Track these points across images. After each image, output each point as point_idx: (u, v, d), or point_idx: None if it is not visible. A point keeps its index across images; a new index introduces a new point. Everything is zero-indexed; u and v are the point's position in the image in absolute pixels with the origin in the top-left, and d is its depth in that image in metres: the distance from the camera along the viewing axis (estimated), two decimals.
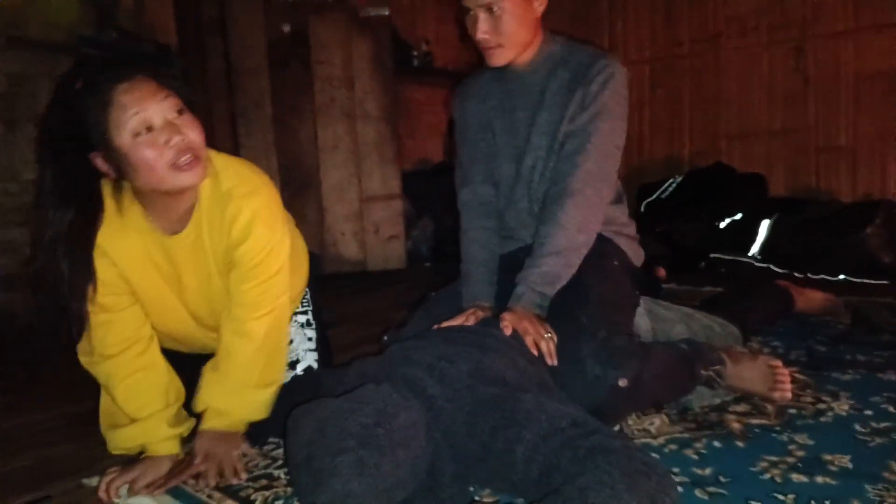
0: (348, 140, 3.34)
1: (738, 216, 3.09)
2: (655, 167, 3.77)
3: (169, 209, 1.20)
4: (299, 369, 1.46)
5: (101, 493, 1.14)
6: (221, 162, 1.24)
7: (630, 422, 1.34)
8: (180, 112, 1.11)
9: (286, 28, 3.26)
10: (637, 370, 1.20)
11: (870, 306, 2.20)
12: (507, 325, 1.27)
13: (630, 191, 2.42)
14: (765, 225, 3.00)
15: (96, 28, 2.76)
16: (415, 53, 3.84)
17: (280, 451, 1.31)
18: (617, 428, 1.30)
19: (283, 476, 1.21)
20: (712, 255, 3.06)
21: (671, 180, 3.44)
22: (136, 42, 2.81)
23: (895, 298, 2.31)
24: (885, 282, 2.64)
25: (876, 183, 3.22)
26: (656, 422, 1.35)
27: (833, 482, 1.07)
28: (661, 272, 2.69)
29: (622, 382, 1.18)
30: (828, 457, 1.15)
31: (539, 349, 1.25)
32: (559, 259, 1.35)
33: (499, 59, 1.44)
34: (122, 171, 1.11)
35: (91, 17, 2.76)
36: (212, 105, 3.30)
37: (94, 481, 1.21)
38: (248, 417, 1.28)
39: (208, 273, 1.27)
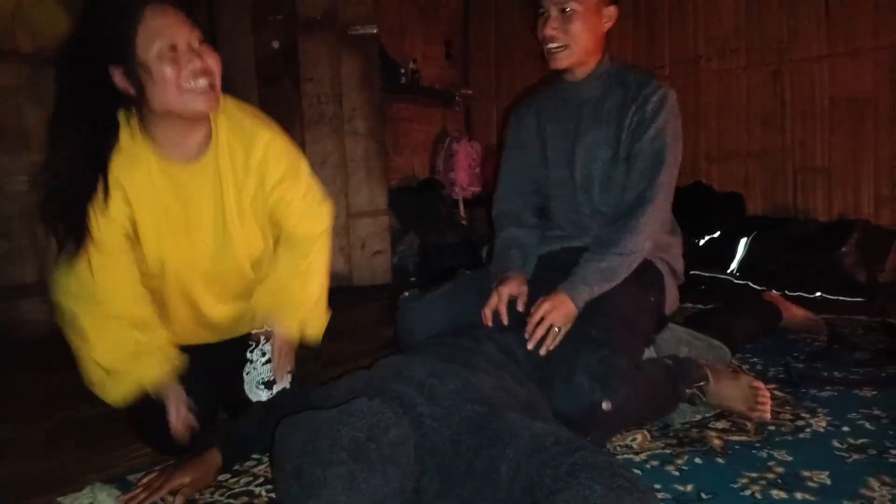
0: (336, 156, 3.35)
1: (717, 234, 3.15)
2: None
3: (183, 137, 1.23)
4: (275, 390, 1.45)
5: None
6: (234, 102, 1.32)
7: (612, 438, 1.36)
8: (202, 41, 1.17)
9: (275, 45, 3.28)
10: (625, 397, 1.20)
11: (846, 324, 2.26)
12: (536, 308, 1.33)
13: None
14: (743, 243, 3.06)
15: None
16: (402, 71, 3.88)
17: (260, 468, 1.31)
18: (601, 447, 1.31)
19: (264, 493, 1.20)
20: (692, 272, 3.11)
21: None
22: None
23: (870, 316, 2.36)
24: (860, 299, 2.71)
25: (850, 203, 3.30)
26: (638, 438, 1.37)
27: (812, 498, 1.09)
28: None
29: (605, 405, 1.18)
30: (807, 473, 1.18)
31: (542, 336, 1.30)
32: (623, 260, 1.41)
33: (563, 60, 1.52)
34: (141, 88, 1.14)
35: None
36: None
37: (68, 499, 1.19)
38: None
39: (223, 206, 1.28)
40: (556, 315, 1.33)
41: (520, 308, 1.43)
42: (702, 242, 3.16)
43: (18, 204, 2.64)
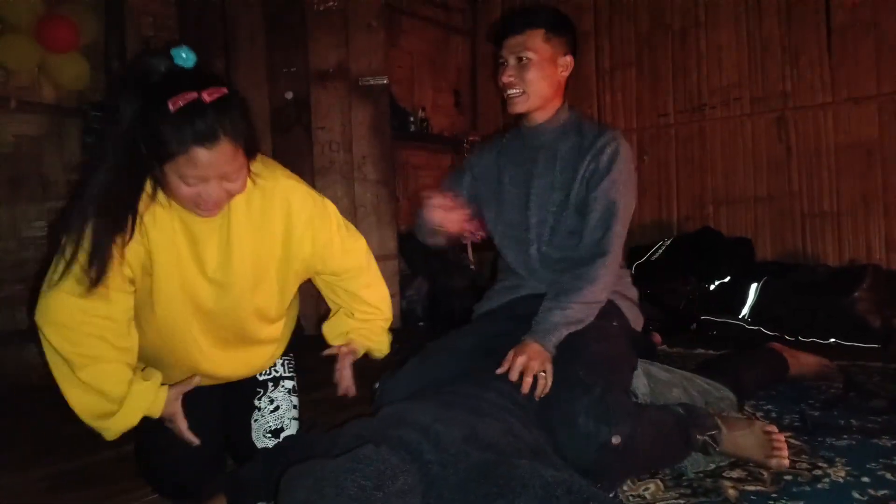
0: (346, 202, 3.40)
1: (727, 279, 3.13)
2: (645, 231, 3.84)
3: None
4: (282, 437, 1.45)
5: None
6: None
7: (625, 487, 1.33)
8: (235, 178, 1.14)
9: (289, 95, 3.37)
10: (631, 429, 1.20)
11: (861, 370, 2.22)
12: (510, 362, 1.34)
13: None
14: (754, 288, 3.04)
15: (106, 94, 2.85)
16: (412, 119, 3.97)
17: None
18: (612, 494, 1.29)
19: None
20: (703, 318, 3.09)
21: (660, 243, 3.50)
22: None
23: (886, 362, 2.32)
24: (875, 345, 2.67)
25: (861, 247, 3.29)
26: (651, 487, 1.34)
27: None
28: (657, 338, 2.71)
29: (615, 440, 1.18)
30: None
31: (533, 385, 1.30)
32: (584, 308, 1.46)
33: (519, 105, 1.61)
34: (160, 182, 1.16)
35: (101, 83, 2.86)
36: None
37: None
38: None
39: (230, 252, 1.28)
40: (535, 363, 1.34)
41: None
42: (712, 287, 3.15)
43: (35, 249, 2.69)
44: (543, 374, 1.33)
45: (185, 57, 1.12)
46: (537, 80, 1.57)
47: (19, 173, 2.65)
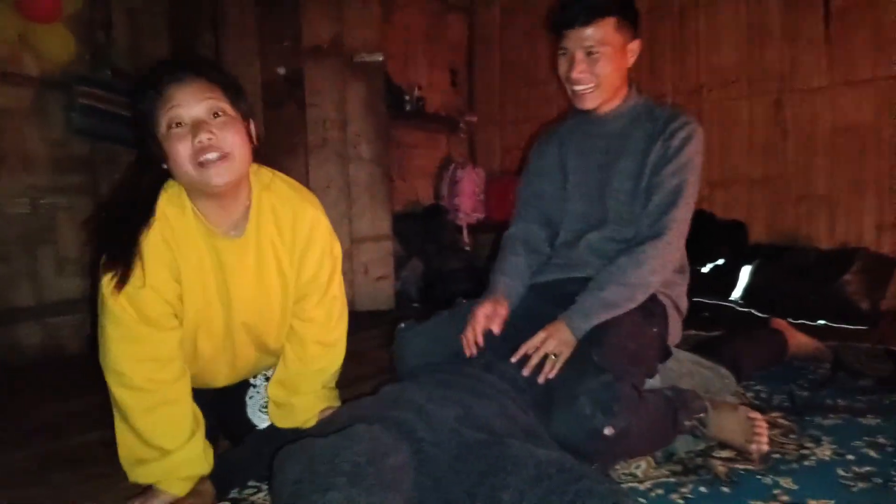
0: (340, 181, 3.37)
1: (721, 262, 3.14)
2: None
3: (221, 211, 1.21)
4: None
5: None
6: (279, 177, 1.31)
7: (616, 466, 1.35)
8: (216, 114, 1.14)
9: (281, 70, 3.32)
10: (627, 423, 1.18)
11: (849, 351, 2.24)
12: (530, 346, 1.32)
13: None
14: (746, 270, 3.05)
15: (91, 66, 2.79)
16: (407, 98, 3.91)
17: (260, 495, 1.29)
18: (604, 474, 1.29)
19: None
20: (695, 299, 3.10)
21: None
22: (130, 81, 2.85)
23: (873, 344, 2.34)
24: (862, 327, 2.69)
25: (853, 231, 3.30)
26: (642, 465, 1.35)
27: None
28: None
29: (608, 430, 1.16)
30: (812, 502, 1.17)
31: (539, 367, 1.29)
32: (624, 291, 1.39)
33: (591, 100, 1.51)
34: (165, 162, 1.16)
35: (86, 55, 2.79)
36: None
37: None
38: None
39: (264, 281, 1.27)
40: (552, 342, 1.32)
41: (495, 330, 1.42)
42: (705, 270, 3.16)
43: (18, 227, 2.63)
44: (554, 357, 1.30)
45: None
46: (610, 74, 1.47)
47: (2, 149, 2.56)
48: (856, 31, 3.23)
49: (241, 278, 1.25)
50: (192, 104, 1.12)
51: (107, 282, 1.14)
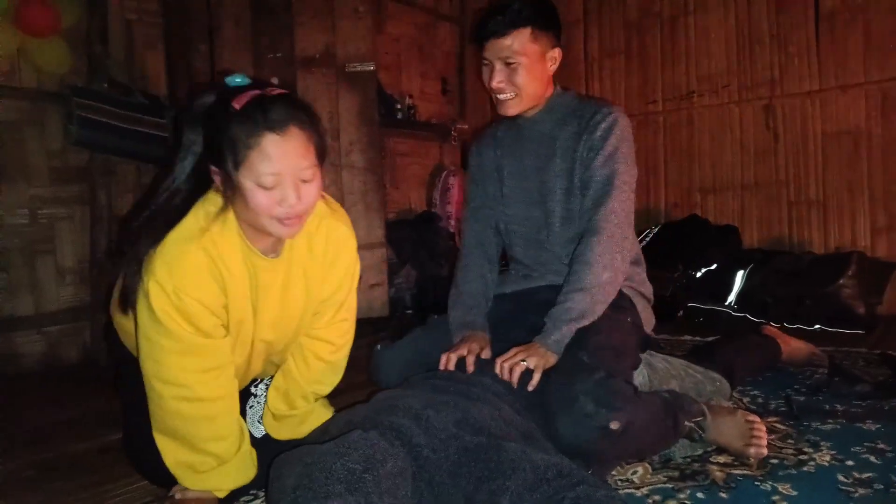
0: (334, 189, 3.37)
1: (714, 266, 3.15)
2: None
3: (265, 236, 1.20)
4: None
5: None
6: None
7: (613, 472, 1.34)
8: (310, 178, 1.10)
9: (274, 81, 3.32)
10: (630, 415, 1.19)
11: (846, 356, 2.24)
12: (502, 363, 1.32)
13: None
14: (740, 275, 3.06)
15: (88, 78, 2.79)
16: (399, 107, 3.94)
17: (256, 503, 1.28)
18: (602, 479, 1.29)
19: None
20: (690, 305, 3.11)
21: (648, 231, 3.52)
22: (127, 92, 2.85)
23: (870, 348, 2.35)
24: (859, 331, 2.70)
25: (846, 235, 3.31)
26: (639, 471, 1.35)
27: None
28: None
29: (614, 425, 1.16)
30: None
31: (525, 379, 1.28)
32: (584, 295, 1.39)
33: (512, 108, 1.54)
34: (230, 197, 1.12)
35: (82, 66, 2.80)
36: None
37: None
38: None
39: (288, 295, 1.26)
40: (532, 360, 1.31)
41: (484, 356, 1.43)
42: (699, 275, 3.16)
43: (17, 237, 2.64)
44: (524, 364, 1.30)
45: (238, 81, 1.11)
46: (528, 83, 1.50)
47: (1, 161, 2.58)
48: (846, 34, 3.26)
49: (269, 298, 1.25)
50: (288, 168, 1.07)
51: (156, 296, 1.09)
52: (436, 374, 1.35)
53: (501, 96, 1.53)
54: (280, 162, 1.06)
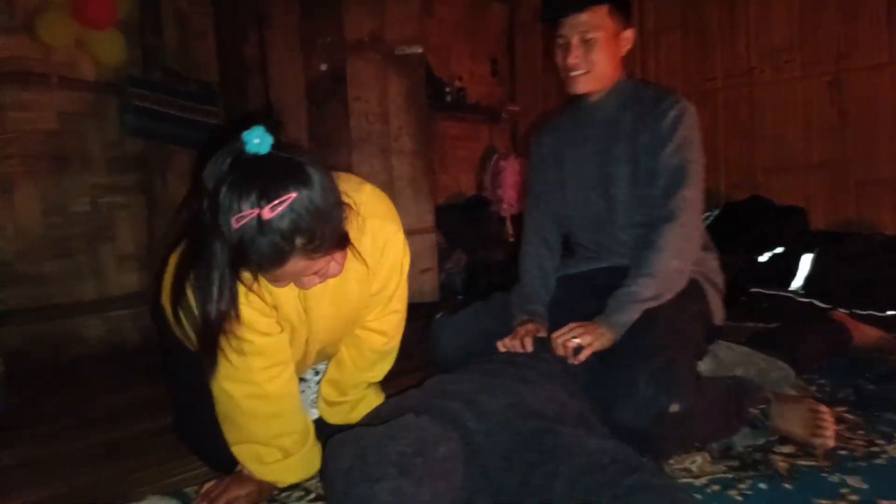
0: (383, 174, 3.38)
1: (779, 250, 3.02)
2: None
3: None
4: None
5: None
6: (357, 185, 1.26)
7: (671, 461, 1.31)
8: (325, 272, 1.07)
9: (324, 67, 3.35)
10: (690, 401, 1.18)
11: None
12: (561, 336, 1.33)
13: None
14: (807, 259, 2.93)
15: (143, 68, 2.88)
16: (448, 90, 3.91)
17: (312, 482, 1.30)
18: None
19: None
20: (753, 290, 2.99)
21: (708, 213, 3.40)
22: (181, 81, 2.92)
23: None
24: None
25: None
26: (698, 460, 1.31)
27: None
28: None
29: (673, 408, 1.15)
30: (883, 502, 1.10)
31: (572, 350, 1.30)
32: (651, 281, 1.39)
33: (583, 85, 1.54)
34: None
35: (138, 57, 2.88)
36: None
37: None
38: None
39: (340, 298, 1.27)
40: (582, 331, 1.32)
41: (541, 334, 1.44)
42: (763, 259, 3.04)
43: (80, 224, 2.76)
44: (576, 342, 1.31)
45: (257, 143, 0.95)
46: (604, 61, 1.50)
47: (63, 150, 2.69)
48: None
49: (321, 305, 1.26)
50: (296, 277, 1.05)
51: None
52: (491, 357, 1.34)
53: (574, 73, 1.51)
54: (289, 279, 1.05)
